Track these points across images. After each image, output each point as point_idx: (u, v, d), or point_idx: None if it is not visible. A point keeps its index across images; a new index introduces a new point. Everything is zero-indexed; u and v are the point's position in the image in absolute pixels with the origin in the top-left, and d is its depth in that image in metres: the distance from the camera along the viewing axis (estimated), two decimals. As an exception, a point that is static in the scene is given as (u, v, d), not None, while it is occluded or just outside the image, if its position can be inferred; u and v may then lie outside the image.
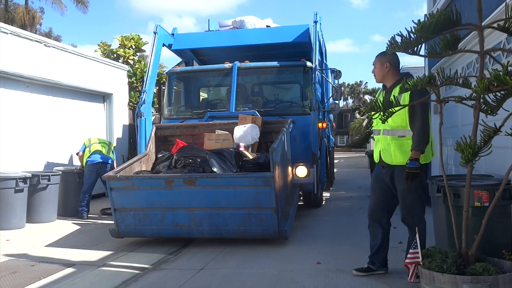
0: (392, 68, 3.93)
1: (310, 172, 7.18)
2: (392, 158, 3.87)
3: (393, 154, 3.85)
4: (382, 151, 3.95)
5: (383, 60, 3.93)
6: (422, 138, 3.69)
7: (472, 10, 3.08)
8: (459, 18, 2.85)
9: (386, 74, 3.94)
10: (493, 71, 2.62)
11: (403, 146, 3.80)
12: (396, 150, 3.83)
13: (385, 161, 3.93)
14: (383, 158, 3.94)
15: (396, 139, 3.82)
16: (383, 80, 4.00)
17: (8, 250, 5.47)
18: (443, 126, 3.28)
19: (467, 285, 2.70)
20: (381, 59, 3.95)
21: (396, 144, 3.83)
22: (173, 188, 5.33)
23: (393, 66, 3.93)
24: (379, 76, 4.00)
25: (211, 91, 9.68)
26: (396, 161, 3.85)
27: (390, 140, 3.85)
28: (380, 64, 3.95)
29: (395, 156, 3.84)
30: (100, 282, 4.24)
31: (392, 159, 3.87)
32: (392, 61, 3.93)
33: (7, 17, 27.84)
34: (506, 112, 2.83)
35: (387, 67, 3.91)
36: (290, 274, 4.32)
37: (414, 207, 3.94)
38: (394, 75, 3.94)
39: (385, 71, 3.93)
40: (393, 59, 3.93)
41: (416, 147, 3.67)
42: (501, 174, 3.64)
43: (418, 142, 3.67)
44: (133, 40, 13.14)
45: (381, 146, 3.95)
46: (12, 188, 6.78)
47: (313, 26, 8.33)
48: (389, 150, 3.88)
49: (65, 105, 9.59)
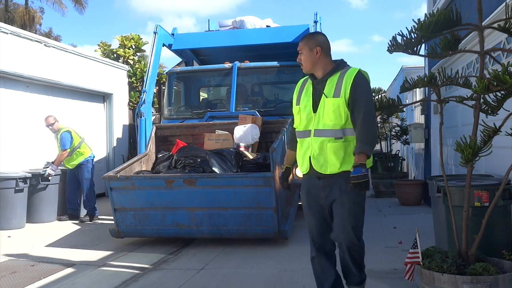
0: (324, 53, 3.12)
1: (310, 172, 7.16)
2: (328, 166, 3.00)
3: (330, 161, 2.99)
4: (313, 158, 3.04)
5: (311, 45, 3.11)
6: (368, 138, 2.90)
7: (472, 10, 3.08)
8: (459, 18, 2.85)
9: (316, 61, 3.11)
10: (493, 71, 2.62)
11: (342, 150, 2.99)
12: (333, 156, 2.98)
13: (318, 170, 3.03)
14: (315, 167, 3.04)
15: (333, 142, 2.98)
16: (312, 69, 3.15)
17: (8, 250, 5.47)
18: (443, 126, 3.28)
19: (467, 285, 2.69)
20: (309, 43, 3.13)
21: (333, 148, 2.98)
22: (173, 188, 5.33)
23: (325, 52, 3.12)
24: (308, 65, 3.14)
25: (211, 91, 9.68)
26: (333, 169, 2.99)
27: (325, 143, 2.99)
28: (309, 50, 3.11)
29: (332, 163, 2.99)
30: (100, 282, 4.24)
31: (328, 168, 3.00)
32: (323, 45, 3.13)
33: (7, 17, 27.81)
34: (506, 112, 2.83)
35: (317, 53, 3.09)
36: (290, 274, 4.32)
37: (359, 226, 3.12)
38: (326, 63, 3.13)
39: (315, 57, 3.10)
40: (324, 43, 3.15)
41: (360, 149, 2.87)
42: (501, 174, 3.64)
43: (363, 143, 2.88)
44: (133, 40, 13.14)
45: (311, 152, 3.06)
46: (12, 188, 6.78)
47: (313, 26, 8.33)
48: (323, 156, 3.01)
49: (65, 105, 9.59)
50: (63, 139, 7.49)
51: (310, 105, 3.11)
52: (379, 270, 4.33)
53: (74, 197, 7.71)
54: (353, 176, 2.83)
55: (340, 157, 2.98)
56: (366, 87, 3.02)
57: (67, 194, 7.68)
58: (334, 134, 2.99)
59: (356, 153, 2.89)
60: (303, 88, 3.24)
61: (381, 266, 4.44)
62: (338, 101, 2.97)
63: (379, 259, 4.72)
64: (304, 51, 3.14)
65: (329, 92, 3.03)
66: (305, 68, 3.16)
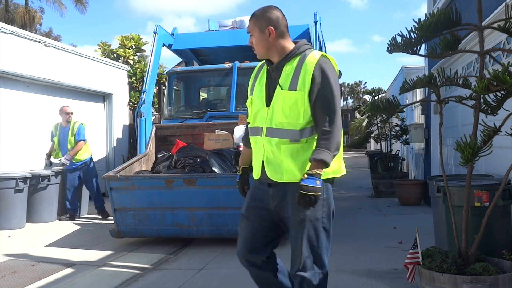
0: (279, 34, 2.47)
1: (310, 172, 7.15)
2: (284, 173, 2.42)
3: (286, 167, 2.42)
4: (266, 162, 2.48)
5: (262, 25, 2.46)
6: (331, 144, 2.32)
7: (472, 10, 3.08)
8: (459, 18, 2.85)
9: (270, 44, 2.49)
10: (493, 71, 2.62)
11: (302, 154, 2.41)
12: (290, 161, 2.41)
13: (273, 178, 2.46)
14: (269, 174, 2.47)
15: (288, 144, 2.40)
16: (267, 54, 2.55)
17: (8, 250, 5.47)
18: (443, 126, 3.28)
19: (467, 285, 2.70)
20: (259, 22, 2.48)
21: (290, 151, 2.41)
22: (173, 188, 5.33)
23: (280, 32, 2.48)
24: (261, 49, 2.54)
25: (211, 91, 9.68)
26: (290, 177, 2.41)
27: (279, 146, 2.42)
28: (259, 31, 2.48)
29: (289, 170, 2.41)
30: (100, 282, 4.24)
31: (284, 175, 2.42)
32: (277, 23, 2.47)
33: (7, 17, 27.84)
34: (506, 112, 2.83)
35: (270, 34, 2.46)
36: (290, 274, 4.31)
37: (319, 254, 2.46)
38: (283, 45, 2.49)
39: (268, 40, 2.47)
40: (278, 21, 2.47)
41: (319, 156, 2.29)
42: (501, 174, 3.64)
43: (324, 150, 2.31)
44: (133, 40, 13.14)
45: (264, 155, 2.49)
46: (12, 188, 6.78)
47: (313, 26, 8.34)
48: (277, 161, 2.44)
49: (65, 105, 9.58)
50: (81, 129, 7.70)
51: (263, 96, 2.52)
52: (379, 270, 4.33)
53: (75, 197, 7.74)
54: (302, 185, 2.23)
55: (299, 162, 2.40)
56: (332, 79, 2.38)
57: (70, 194, 7.70)
58: (291, 136, 2.40)
59: (313, 160, 2.29)
60: (258, 74, 2.67)
61: (381, 266, 4.44)
62: (295, 95, 2.37)
63: (379, 259, 4.72)
64: (254, 32, 2.51)
65: (284, 83, 2.42)
66: (258, 53, 2.58)
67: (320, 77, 2.36)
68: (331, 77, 2.38)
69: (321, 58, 2.40)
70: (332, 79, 2.38)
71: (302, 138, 2.41)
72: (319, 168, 2.29)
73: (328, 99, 2.36)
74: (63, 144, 7.71)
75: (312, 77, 2.36)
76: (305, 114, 2.39)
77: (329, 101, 2.36)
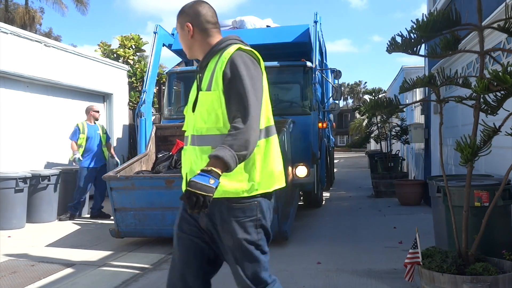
0: (199, 31, 2.24)
1: (310, 172, 7.18)
2: None
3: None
4: (189, 174, 2.18)
5: (182, 21, 2.27)
6: (236, 140, 1.97)
7: (472, 10, 3.08)
8: (459, 18, 2.85)
9: (191, 43, 2.27)
10: (493, 71, 2.62)
11: None
12: None
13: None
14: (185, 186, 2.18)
15: (210, 152, 2.04)
16: (192, 54, 2.33)
17: (8, 250, 5.47)
18: (443, 126, 3.28)
19: (467, 285, 2.70)
20: (180, 18, 2.29)
21: None
22: (173, 188, 5.33)
23: (200, 28, 2.24)
24: (184, 48, 2.34)
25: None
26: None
27: (200, 154, 2.15)
28: (180, 28, 2.29)
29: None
30: (100, 282, 4.24)
31: None
32: (196, 19, 2.24)
33: (7, 17, 27.85)
34: (506, 112, 2.83)
35: (189, 31, 2.24)
36: (290, 274, 4.32)
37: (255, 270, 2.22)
38: (206, 43, 2.25)
39: (188, 38, 2.26)
40: (197, 16, 2.25)
41: (219, 153, 1.92)
42: (501, 174, 3.64)
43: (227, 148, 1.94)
44: (133, 40, 13.14)
45: (188, 166, 2.22)
46: (12, 188, 6.78)
47: (313, 26, 8.34)
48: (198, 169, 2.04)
49: (65, 105, 9.59)
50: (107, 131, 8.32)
51: (191, 101, 2.28)
52: (379, 270, 4.33)
53: (84, 196, 7.82)
54: (191, 181, 1.87)
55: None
56: (245, 72, 2.08)
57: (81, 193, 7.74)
58: (211, 142, 2.12)
59: (210, 156, 1.94)
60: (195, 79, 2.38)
61: (381, 266, 4.44)
62: (211, 95, 2.11)
63: (379, 259, 4.72)
64: (177, 29, 2.33)
65: (204, 84, 2.18)
66: (185, 52, 2.35)
67: (231, 72, 2.08)
68: (243, 70, 2.08)
69: (236, 52, 2.12)
70: (244, 72, 2.07)
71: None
72: (216, 166, 1.90)
73: (239, 94, 2.05)
74: (93, 141, 7.88)
75: (223, 73, 2.10)
76: (223, 116, 2.11)
77: (241, 96, 2.05)
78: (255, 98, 2.06)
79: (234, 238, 2.12)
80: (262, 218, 2.14)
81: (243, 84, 2.05)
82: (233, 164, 1.92)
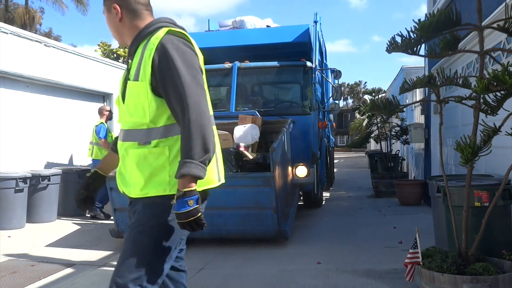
0: (127, 13, 2.03)
1: (310, 172, 7.18)
2: (132, 186, 1.98)
3: (134, 179, 1.95)
4: (118, 172, 2.08)
5: (108, 2, 2.05)
6: (190, 147, 1.77)
7: (472, 10, 3.08)
8: (459, 18, 2.85)
9: (120, 27, 2.05)
10: (493, 71, 2.62)
11: (147, 161, 1.91)
12: (136, 170, 1.93)
13: (123, 191, 2.06)
14: (120, 186, 2.08)
15: (136, 148, 1.94)
16: (121, 38, 2.10)
17: (8, 250, 5.47)
18: (443, 126, 3.28)
19: (467, 285, 2.70)
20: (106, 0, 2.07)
21: (137, 158, 1.93)
22: (173, 188, 5.33)
23: (128, 10, 2.02)
24: (113, 33, 2.10)
25: (211, 91, 9.65)
26: (136, 191, 1.95)
27: (128, 150, 1.98)
28: (107, 11, 2.07)
29: (135, 181, 1.94)
30: (100, 282, 4.24)
31: (132, 188, 1.98)
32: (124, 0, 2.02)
33: (7, 17, 27.85)
34: (506, 112, 2.83)
35: (117, 13, 2.02)
36: (290, 274, 4.32)
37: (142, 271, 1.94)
38: (135, 26, 2.03)
39: (116, 21, 2.04)
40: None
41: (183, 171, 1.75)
42: (501, 174, 3.64)
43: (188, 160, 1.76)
44: (133, 40, 13.15)
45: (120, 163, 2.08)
46: (12, 188, 6.78)
47: (313, 26, 8.34)
48: (126, 169, 2.00)
49: (65, 105, 9.59)
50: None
51: (121, 90, 2.07)
52: (379, 270, 4.33)
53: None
54: (176, 214, 1.77)
55: (146, 172, 1.90)
56: (179, 59, 1.84)
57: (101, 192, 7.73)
58: (137, 137, 1.94)
59: (177, 176, 1.77)
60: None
61: (381, 266, 4.44)
62: (137, 86, 1.90)
63: (379, 259, 4.72)
64: (104, 13, 2.10)
65: (132, 72, 1.96)
66: (115, 38, 2.13)
67: (162, 60, 1.84)
68: (177, 58, 1.83)
69: (165, 37, 1.88)
70: (178, 59, 1.83)
71: (152, 140, 1.91)
72: (186, 186, 1.75)
73: (176, 86, 1.81)
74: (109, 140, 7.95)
75: (152, 61, 1.86)
76: (150, 110, 1.89)
77: (178, 89, 1.81)
78: (195, 87, 1.85)
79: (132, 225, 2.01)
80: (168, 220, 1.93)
81: (178, 73, 1.82)
82: (202, 172, 1.78)
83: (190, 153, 1.76)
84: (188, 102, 1.79)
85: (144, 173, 1.91)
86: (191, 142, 1.77)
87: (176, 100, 1.82)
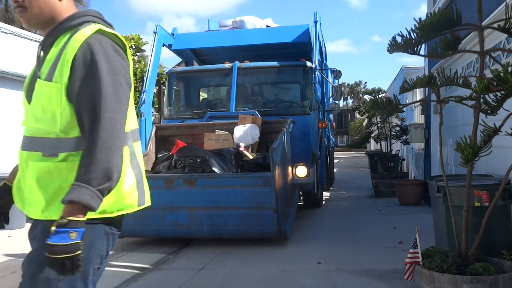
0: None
1: (310, 172, 7.18)
2: (31, 204, 1.65)
3: (34, 197, 1.63)
4: (16, 185, 1.75)
5: None
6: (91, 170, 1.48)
7: (472, 10, 3.08)
8: (459, 18, 2.85)
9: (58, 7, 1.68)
10: (494, 71, 2.62)
11: (52, 177, 1.59)
12: (37, 187, 1.60)
13: (20, 208, 1.73)
14: (16, 201, 1.76)
15: (38, 160, 1.62)
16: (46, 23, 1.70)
17: (8, 250, 5.47)
18: (443, 126, 3.28)
19: (467, 285, 2.70)
20: None
21: (38, 172, 1.61)
22: (173, 188, 5.33)
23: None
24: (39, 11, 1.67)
25: (211, 91, 9.68)
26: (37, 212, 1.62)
27: (27, 161, 1.65)
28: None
29: (36, 200, 1.62)
30: (100, 282, 4.23)
31: (31, 207, 1.65)
32: None
33: (7, 17, 27.86)
34: (506, 112, 2.83)
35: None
36: (290, 274, 4.32)
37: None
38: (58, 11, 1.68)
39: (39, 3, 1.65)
40: None
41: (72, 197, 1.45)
42: (501, 174, 3.64)
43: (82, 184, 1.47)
44: (133, 40, 13.13)
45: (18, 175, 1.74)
46: (12, 188, 6.78)
47: (313, 26, 8.34)
48: (25, 184, 1.67)
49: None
50: None
51: (26, 88, 1.73)
52: (379, 270, 4.33)
53: None
54: (48, 245, 1.42)
55: (49, 190, 1.58)
56: (104, 67, 1.57)
57: None
58: (42, 147, 1.61)
59: (65, 201, 1.46)
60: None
61: (381, 266, 4.44)
62: (50, 88, 1.59)
63: (379, 259, 4.72)
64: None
65: (44, 70, 1.63)
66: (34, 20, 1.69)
67: (85, 63, 1.56)
68: (103, 64, 1.56)
69: (94, 36, 1.59)
70: (104, 66, 1.56)
71: (59, 152, 1.59)
72: (74, 214, 1.44)
73: (93, 95, 1.54)
74: None
75: (73, 63, 1.56)
76: (62, 118, 1.58)
77: (94, 99, 1.53)
78: (115, 102, 1.56)
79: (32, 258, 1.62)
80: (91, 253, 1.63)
81: (100, 82, 1.54)
82: (96, 203, 1.47)
83: (88, 176, 1.47)
84: (101, 117, 1.52)
85: (46, 192, 1.58)
86: (92, 165, 1.48)
87: (88, 110, 1.54)
